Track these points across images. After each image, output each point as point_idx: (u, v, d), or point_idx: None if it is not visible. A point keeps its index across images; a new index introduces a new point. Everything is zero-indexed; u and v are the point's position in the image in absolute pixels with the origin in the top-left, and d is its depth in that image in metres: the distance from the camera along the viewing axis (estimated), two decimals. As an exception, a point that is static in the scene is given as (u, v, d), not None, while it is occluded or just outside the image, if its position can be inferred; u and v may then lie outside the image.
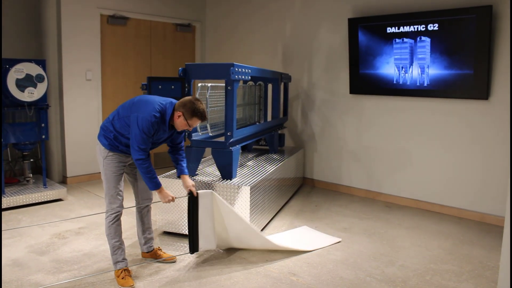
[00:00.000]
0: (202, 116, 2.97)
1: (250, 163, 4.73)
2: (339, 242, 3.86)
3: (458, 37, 4.44)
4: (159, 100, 2.99)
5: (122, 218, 3.12)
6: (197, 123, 3.02)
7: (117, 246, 3.06)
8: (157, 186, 3.00)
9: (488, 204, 4.51)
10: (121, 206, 3.07)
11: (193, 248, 3.28)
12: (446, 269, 3.39)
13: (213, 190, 3.71)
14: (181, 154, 3.28)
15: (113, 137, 3.01)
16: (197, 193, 3.22)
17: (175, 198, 3.19)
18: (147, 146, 2.92)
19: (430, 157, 4.89)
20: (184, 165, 3.28)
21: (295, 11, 5.97)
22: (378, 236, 4.08)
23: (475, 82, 4.40)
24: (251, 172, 4.26)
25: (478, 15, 4.24)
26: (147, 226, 3.38)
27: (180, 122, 2.97)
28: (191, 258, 3.49)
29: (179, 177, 3.28)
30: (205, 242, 3.34)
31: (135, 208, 3.36)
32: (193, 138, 4.00)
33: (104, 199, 3.12)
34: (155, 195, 3.19)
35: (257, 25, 6.47)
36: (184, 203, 3.67)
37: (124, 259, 3.08)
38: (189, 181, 3.22)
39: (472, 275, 3.29)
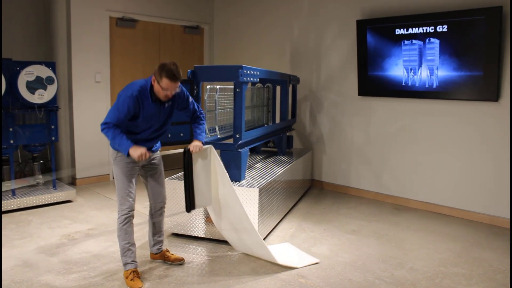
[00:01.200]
0: (169, 74, 2.79)
1: (258, 165, 4.73)
2: (317, 263, 3.45)
3: (468, 38, 4.41)
4: (144, 79, 3.01)
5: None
6: (171, 86, 2.85)
7: (127, 248, 3.07)
8: (128, 148, 2.86)
9: (498, 207, 4.47)
10: (131, 208, 3.06)
11: (190, 206, 3.24)
12: (455, 272, 3.37)
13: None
14: (198, 122, 3.28)
15: None
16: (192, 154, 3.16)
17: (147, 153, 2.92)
18: (113, 122, 2.84)
19: (439, 159, 4.86)
20: (199, 131, 3.24)
21: (304, 13, 5.97)
22: (387, 238, 4.06)
23: (484, 83, 4.36)
24: (260, 174, 4.26)
25: (488, 16, 4.21)
26: (158, 230, 3.38)
27: (156, 88, 2.90)
28: (200, 259, 3.50)
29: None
30: (201, 199, 3.30)
31: (148, 210, 3.37)
32: (202, 140, 4.00)
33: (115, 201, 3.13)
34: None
35: (265, 27, 6.47)
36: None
37: (134, 261, 3.09)
38: (195, 142, 3.18)
39: (483, 279, 3.26)
